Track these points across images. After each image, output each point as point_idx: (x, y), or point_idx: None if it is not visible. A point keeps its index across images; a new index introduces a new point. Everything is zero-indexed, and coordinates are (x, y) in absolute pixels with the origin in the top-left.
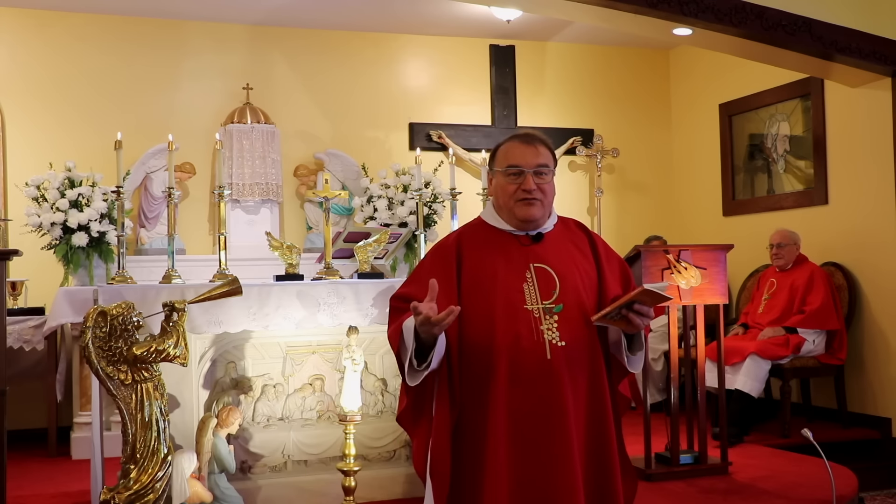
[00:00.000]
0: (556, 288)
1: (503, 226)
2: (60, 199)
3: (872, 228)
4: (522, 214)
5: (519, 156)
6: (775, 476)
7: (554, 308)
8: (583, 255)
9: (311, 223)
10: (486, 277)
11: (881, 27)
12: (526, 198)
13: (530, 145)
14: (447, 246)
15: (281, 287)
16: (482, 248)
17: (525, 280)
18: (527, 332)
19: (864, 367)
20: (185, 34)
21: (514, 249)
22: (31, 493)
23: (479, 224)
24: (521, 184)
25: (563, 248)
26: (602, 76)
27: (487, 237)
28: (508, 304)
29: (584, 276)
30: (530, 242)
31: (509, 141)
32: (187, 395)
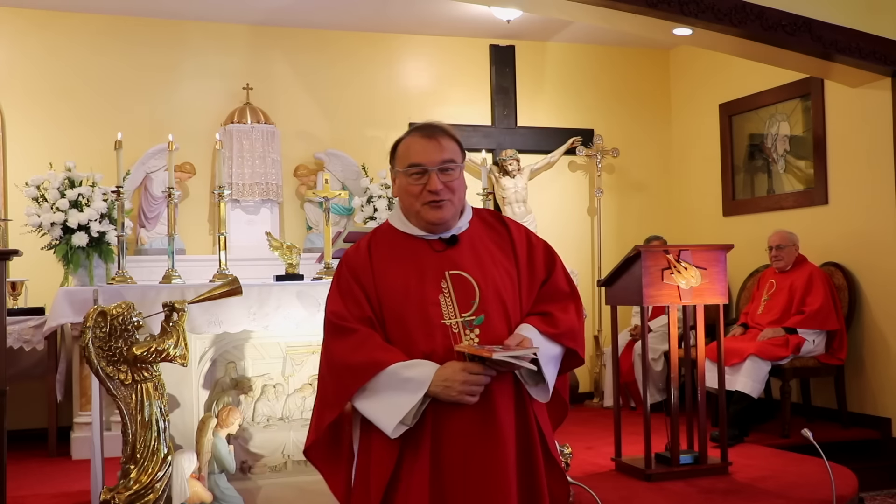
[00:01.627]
0: (476, 297)
1: (412, 230)
2: (60, 200)
3: (872, 228)
4: (430, 217)
5: (421, 152)
6: (775, 476)
7: (474, 320)
8: (502, 252)
9: (311, 223)
10: (397, 292)
11: (881, 27)
12: (433, 200)
13: (432, 139)
14: (359, 257)
15: (281, 287)
16: (392, 258)
17: (441, 291)
18: (444, 351)
19: (864, 367)
20: (185, 34)
21: (427, 256)
22: (31, 493)
23: (387, 230)
24: (425, 184)
25: (481, 248)
26: (602, 76)
27: (397, 244)
28: (423, 320)
29: (504, 276)
30: (444, 247)
31: (409, 136)
32: (187, 395)
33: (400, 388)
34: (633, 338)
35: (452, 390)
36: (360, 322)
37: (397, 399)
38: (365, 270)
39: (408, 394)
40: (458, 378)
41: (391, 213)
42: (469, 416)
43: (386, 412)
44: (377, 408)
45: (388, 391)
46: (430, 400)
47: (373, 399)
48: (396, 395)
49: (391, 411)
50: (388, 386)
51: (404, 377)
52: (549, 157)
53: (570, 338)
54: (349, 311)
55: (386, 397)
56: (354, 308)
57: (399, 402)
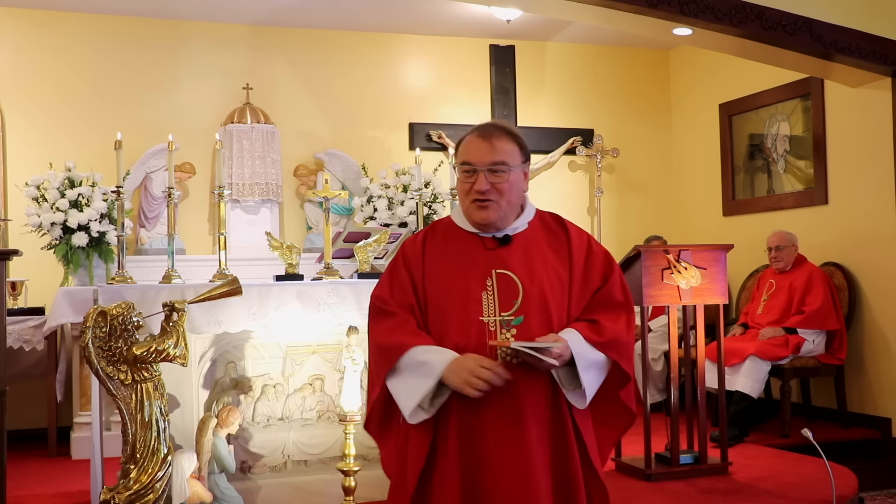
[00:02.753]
0: (519, 297)
1: (468, 227)
2: (60, 199)
3: (872, 228)
4: (475, 217)
5: (473, 151)
6: (775, 476)
7: (513, 320)
8: (556, 256)
9: (311, 223)
10: (443, 284)
11: (881, 27)
12: (479, 199)
13: (486, 140)
14: (414, 247)
15: (281, 287)
16: (445, 252)
17: (485, 288)
18: (478, 345)
19: (864, 367)
20: (185, 34)
21: (478, 253)
22: (31, 493)
23: (447, 224)
24: (473, 183)
25: (534, 251)
26: (602, 76)
27: (452, 238)
28: (462, 315)
29: (553, 280)
30: (496, 246)
31: (469, 134)
32: (187, 395)
33: (416, 371)
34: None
35: (458, 377)
36: (400, 307)
37: (414, 382)
38: (417, 259)
39: (422, 377)
40: (467, 366)
41: (454, 209)
42: (494, 417)
43: (404, 395)
44: (399, 390)
45: (407, 373)
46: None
47: (397, 380)
48: (413, 378)
49: (408, 395)
50: (407, 368)
51: (419, 360)
52: (549, 157)
53: (615, 348)
54: (393, 296)
55: (405, 379)
56: (399, 294)
57: (415, 386)
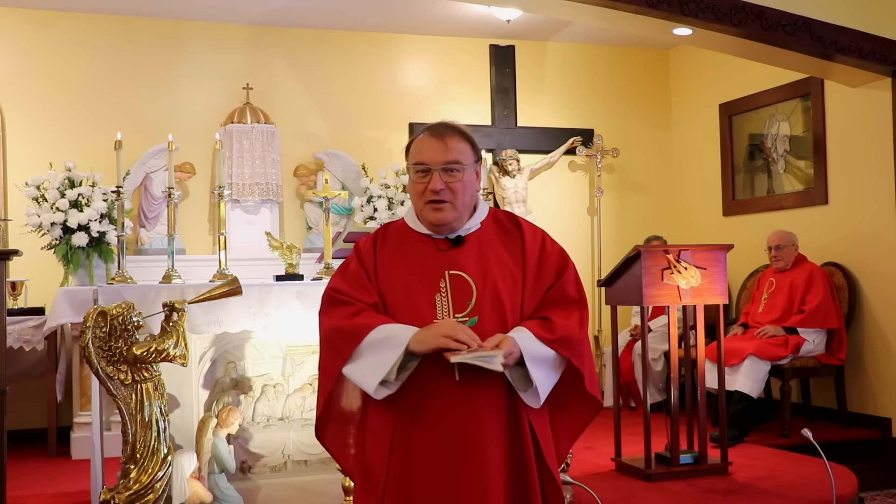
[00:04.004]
0: (472, 298)
1: (420, 228)
2: (60, 199)
3: (872, 228)
4: (430, 218)
5: (426, 151)
6: (775, 476)
7: (467, 322)
8: (510, 255)
9: (311, 223)
10: (396, 288)
11: (881, 27)
12: (434, 199)
13: (440, 139)
14: (366, 250)
15: (281, 287)
16: (397, 254)
17: (438, 290)
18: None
19: (864, 367)
20: (185, 34)
21: (430, 255)
22: (31, 493)
23: (399, 226)
24: (428, 183)
25: (487, 250)
26: (602, 76)
27: (404, 241)
28: (416, 317)
29: (507, 279)
30: (448, 247)
31: (421, 134)
32: (187, 395)
33: (380, 345)
34: (633, 338)
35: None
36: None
37: (380, 357)
38: (370, 261)
39: (389, 350)
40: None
41: (407, 209)
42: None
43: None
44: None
45: (369, 351)
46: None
47: (358, 362)
48: (379, 353)
49: (374, 369)
50: (369, 346)
51: (385, 335)
52: (549, 157)
53: (566, 345)
54: (351, 289)
55: (367, 357)
56: (359, 289)
57: (382, 360)
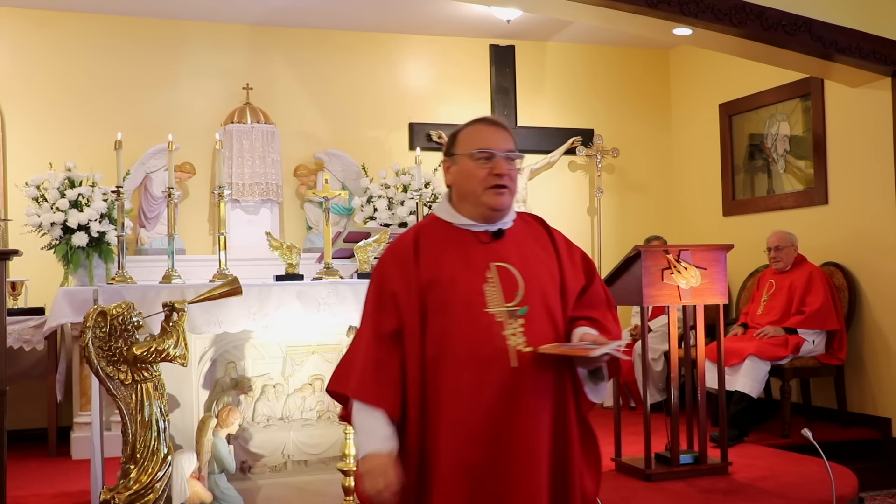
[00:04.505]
0: (520, 288)
1: (461, 221)
2: (60, 199)
3: (873, 228)
4: (493, 203)
5: (490, 138)
6: (775, 476)
7: (518, 311)
8: (544, 252)
9: (311, 223)
10: (444, 281)
11: (881, 27)
12: (497, 184)
13: (499, 128)
14: (404, 247)
15: (281, 287)
16: (439, 249)
17: (486, 281)
18: (487, 337)
19: (864, 367)
20: (185, 34)
21: (473, 248)
22: (31, 493)
23: (434, 222)
24: (491, 168)
25: (524, 245)
26: (602, 76)
27: (444, 236)
28: (468, 308)
29: (546, 273)
30: (490, 240)
31: (474, 124)
32: (187, 395)
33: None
34: (633, 338)
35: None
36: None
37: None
38: (408, 262)
39: (360, 440)
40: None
41: (437, 206)
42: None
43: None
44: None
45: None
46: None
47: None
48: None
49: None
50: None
51: (361, 425)
52: (549, 157)
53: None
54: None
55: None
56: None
57: (358, 441)
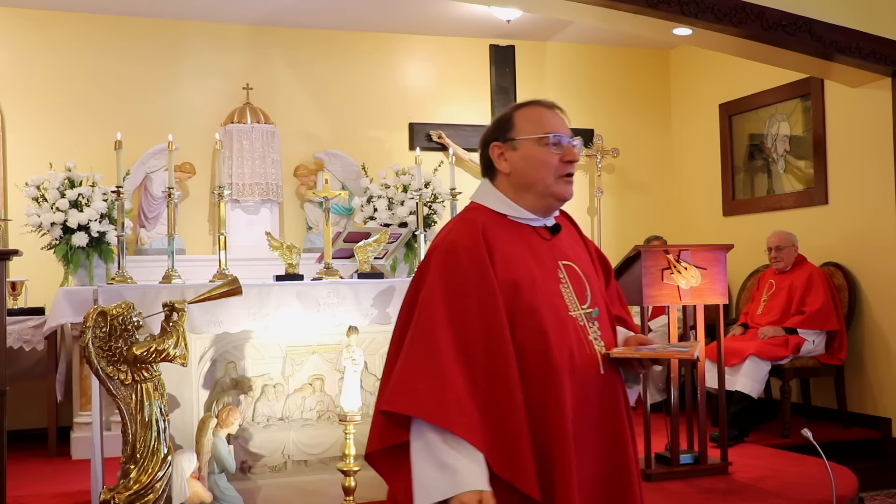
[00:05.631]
0: (587, 289)
1: (521, 213)
2: (60, 199)
3: (873, 228)
4: (563, 193)
5: (555, 122)
6: (775, 476)
7: (592, 313)
8: (581, 248)
9: (311, 223)
10: (524, 283)
11: (881, 27)
12: (569, 173)
13: (562, 112)
14: (475, 245)
15: (281, 287)
16: (508, 245)
17: (560, 281)
18: (578, 344)
19: (864, 367)
20: (185, 34)
21: (538, 245)
22: (31, 493)
23: (489, 213)
24: (562, 155)
25: (573, 241)
26: (602, 76)
27: (506, 230)
28: (554, 313)
29: (594, 271)
30: (549, 236)
31: (532, 106)
32: (187, 395)
33: (442, 466)
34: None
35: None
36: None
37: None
38: (485, 263)
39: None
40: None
41: (484, 195)
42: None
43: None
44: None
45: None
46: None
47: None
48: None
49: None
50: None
51: (448, 462)
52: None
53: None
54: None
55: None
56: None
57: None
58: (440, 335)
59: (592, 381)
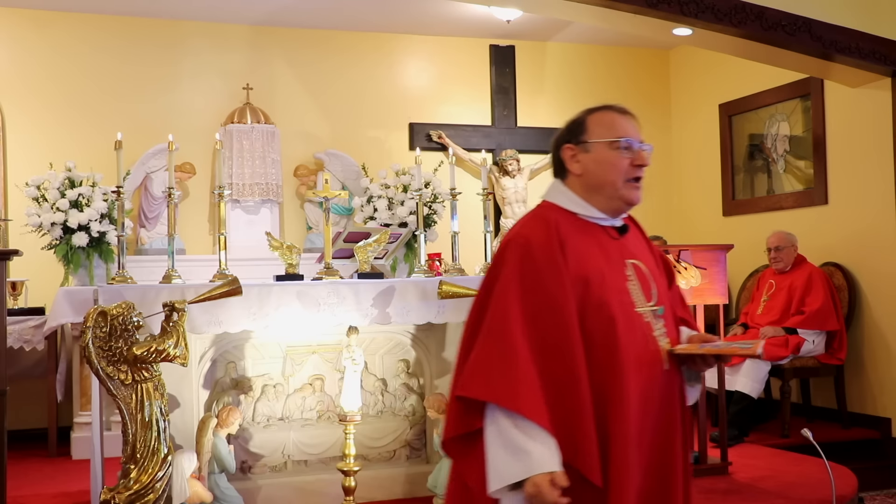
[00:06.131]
0: (653, 287)
1: (592, 213)
2: (61, 199)
3: (872, 228)
4: (632, 197)
5: (627, 127)
6: (775, 476)
7: (658, 310)
8: (647, 248)
9: (311, 223)
10: (594, 279)
11: (881, 27)
12: (638, 176)
13: (633, 118)
14: (549, 241)
15: (281, 287)
16: (580, 241)
17: (627, 279)
18: (644, 340)
19: (864, 367)
20: (185, 34)
21: (608, 243)
22: (31, 493)
23: (557, 211)
24: (633, 159)
25: (640, 242)
26: (602, 76)
27: (578, 227)
28: (623, 309)
29: (660, 271)
30: (618, 235)
31: (605, 111)
32: (187, 395)
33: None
34: None
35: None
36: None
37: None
38: (558, 258)
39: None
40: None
41: (555, 194)
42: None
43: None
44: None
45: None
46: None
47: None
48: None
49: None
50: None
51: (521, 445)
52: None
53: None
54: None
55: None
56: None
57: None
58: (514, 325)
59: (656, 376)
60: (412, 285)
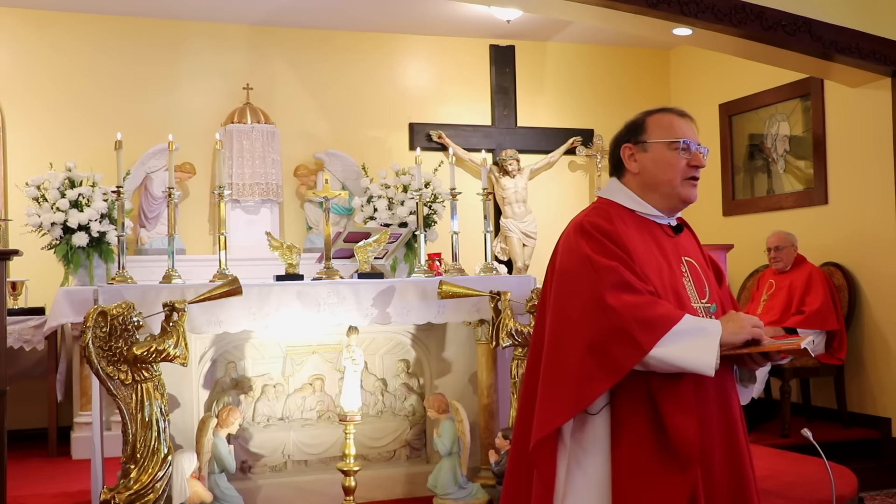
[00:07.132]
0: (706, 285)
1: (649, 210)
2: (61, 199)
3: (872, 228)
4: (688, 195)
5: (686, 129)
6: (775, 476)
7: (711, 307)
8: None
9: (311, 223)
10: (653, 274)
11: (881, 27)
12: (695, 176)
13: (692, 121)
14: (612, 227)
15: (281, 287)
16: (638, 236)
17: (682, 275)
18: None
19: (864, 367)
20: (185, 34)
21: (664, 240)
22: (31, 493)
23: (619, 208)
24: (690, 160)
25: (693, 241)
26: (602, 76)
27: (636, 223)
28: (679, 301)
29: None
30: (673, 233)
31: (665, 113)
32: (187, 395)
33: (690, 335)
34: None
35: (747, 327)
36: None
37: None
38: (622, 241)
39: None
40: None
41: (613, 191)
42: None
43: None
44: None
45: (680, 340)
46: None
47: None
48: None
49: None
50: (677, 336)
51: (691, 325)
52: (549, 157)
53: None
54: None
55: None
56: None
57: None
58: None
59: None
60: (412, 285)
